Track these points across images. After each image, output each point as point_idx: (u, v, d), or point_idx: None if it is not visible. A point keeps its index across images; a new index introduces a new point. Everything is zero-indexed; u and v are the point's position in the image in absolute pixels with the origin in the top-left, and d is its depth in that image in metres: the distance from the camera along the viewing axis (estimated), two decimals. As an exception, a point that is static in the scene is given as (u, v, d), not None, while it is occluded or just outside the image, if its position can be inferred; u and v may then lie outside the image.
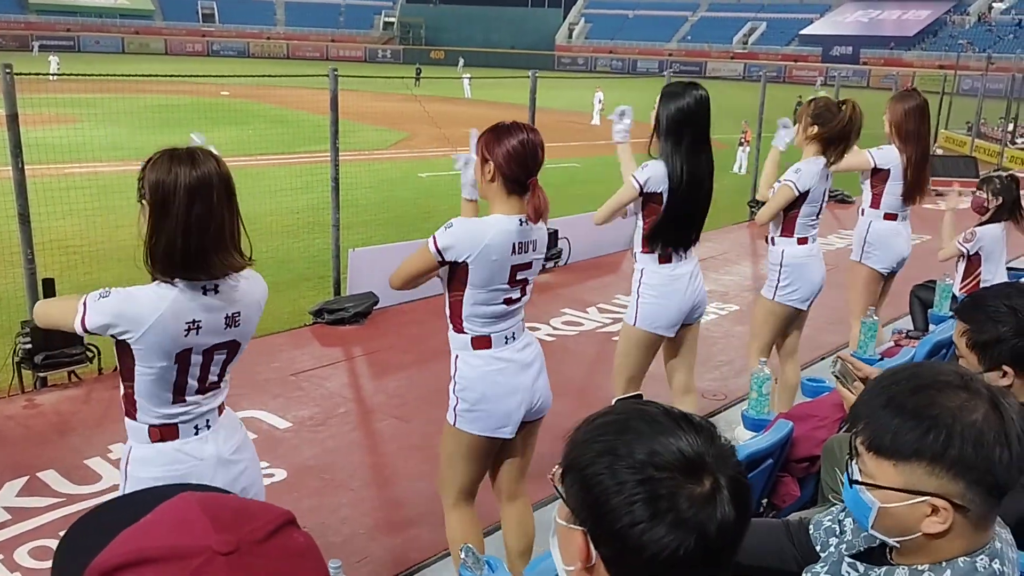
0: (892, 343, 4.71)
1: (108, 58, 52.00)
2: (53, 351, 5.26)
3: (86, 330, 2.12)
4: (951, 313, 4.96)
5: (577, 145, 20.40)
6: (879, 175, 4.90)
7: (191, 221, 2.12)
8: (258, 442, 4.68)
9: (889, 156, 4.84)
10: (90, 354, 5.48)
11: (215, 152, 2.24)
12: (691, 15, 70.61)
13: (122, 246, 9.74)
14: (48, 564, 2.93)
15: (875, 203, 5.01)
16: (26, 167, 5.26)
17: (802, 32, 63.64)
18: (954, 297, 5.23)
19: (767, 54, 61.58)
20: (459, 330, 2.88)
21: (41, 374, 5.30)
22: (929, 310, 5.40)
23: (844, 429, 1.47)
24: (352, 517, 3.98)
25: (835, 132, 4.31)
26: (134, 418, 2.25)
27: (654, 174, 3.67)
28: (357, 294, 6.95)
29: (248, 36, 65.47)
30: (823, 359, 6.31)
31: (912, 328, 5.54)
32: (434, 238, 2.75)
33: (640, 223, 3.82)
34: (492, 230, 2.76)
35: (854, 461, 1.42)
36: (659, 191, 3.68)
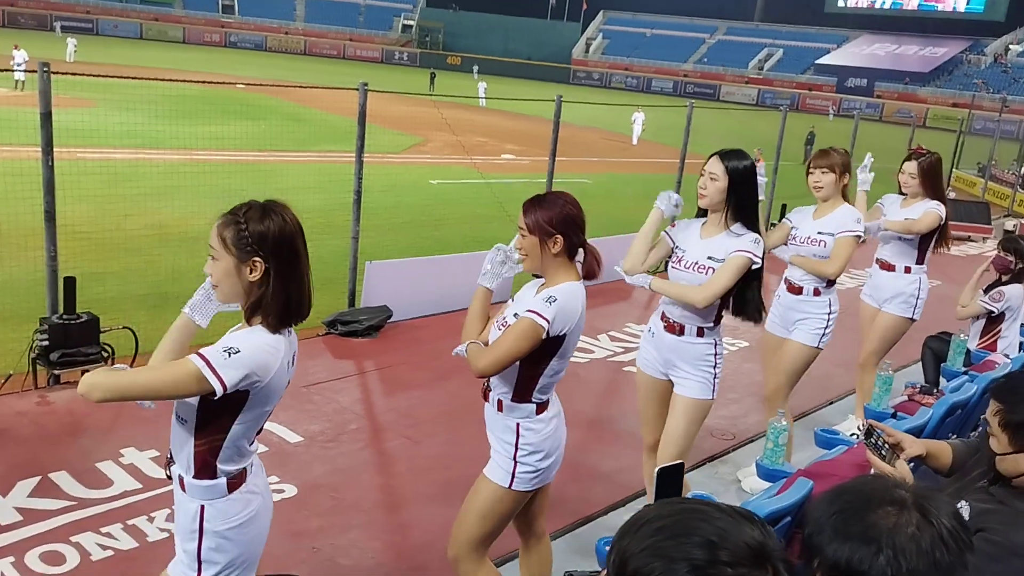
0: (906, 397, 4.73)
1: (126, 43, 52.15)
2: (70, 349, 5.28)
3: (226, 390, 2.10)
4: (964, 369, 4.99)
5: (594, 161, 20.46)
6: (934, 232, 5.15)
7: (304, 270, 2.24)
8: (269, 455, 4.70)
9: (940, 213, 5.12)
10: (105, 354, 5.50)
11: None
12: (709, 37, 70.82)
13: (131, 236, 9.86)
14: (58, 570, 2.93)
15: (920, 259, 5.26)
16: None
17: (818, 61, 63.81)
18: (968, 352, 5.26)
19: (782, 81, 61.75)
20: (525, 400, 2.86)
21: (56, 372, 5.31)
22: (941, 363, 5.42)
23: (802, 559, 1.54)
24: (361, 540, 3.98)
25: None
26: (213, 475, 2.24)
27: (759, 252, 3.57)
28: (371, 307, 6.97)
29: (267, 30, 65.60)
30: (831, 404, 6.32)
31: (923, 381, 5.55)
32: (539, 315, 2.71)
33: (718, 300, 3.62)
34: (580, 295, 2.81)
35: None
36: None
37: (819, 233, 4.48)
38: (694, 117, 10.76)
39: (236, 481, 2.28)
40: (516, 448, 2.87)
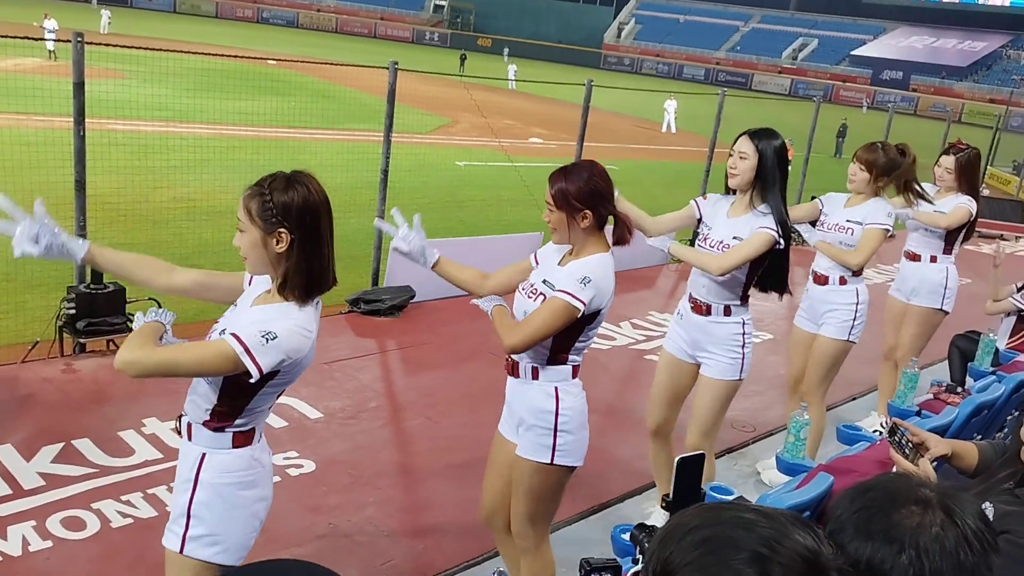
0: (931, 395, 4.67)
1: (159, 16, 52.44)
2: (95, 319, 5.34)
3: (262, 375, 2.13)
4: (991, 369, 4.91)
5: (623, 148, 20.33)
6: (963, 226, 5.11)
7: (328, 241, 2.24)
8: (289, 430, 4.73)
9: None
10: (130, 324, 5.55)
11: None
12: (742, 25, 69.98)
13: (159, 208, 9.93)
14: (79, 536, 2.96)
15: (948, 250, 5.21)
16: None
17: (853, 52, 62.89)
18: (996, 352, 5.17)
19: (815, 72, 60.95)
20: (561, 361, 2.83)
21: (81, 340, 5.37)
22: (968, 363, 5.34)
23: None
24: (377, 518, 4.00)
25: (894, 176, 4.50)
26: (223, 429, 2.26)
27: (777, 231, 3.56)
28: (394, 287, 6.98)
29: (298, 7, 65.63)
30: (853, 399, 6.26)
31: (949, 380, 5.47)
32: (574, 296, 2.69)
33: (743, 276, 3.64)
34: (611, 266, 2.80)
35: None
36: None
37: (848, 221, 4.42)
38: (725, 106, 10.66)
39: (242, 438, 2.29)
40: (557, 415, 2.81)
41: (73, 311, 5.33)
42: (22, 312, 6.08)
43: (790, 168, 3.80)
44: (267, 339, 2.10)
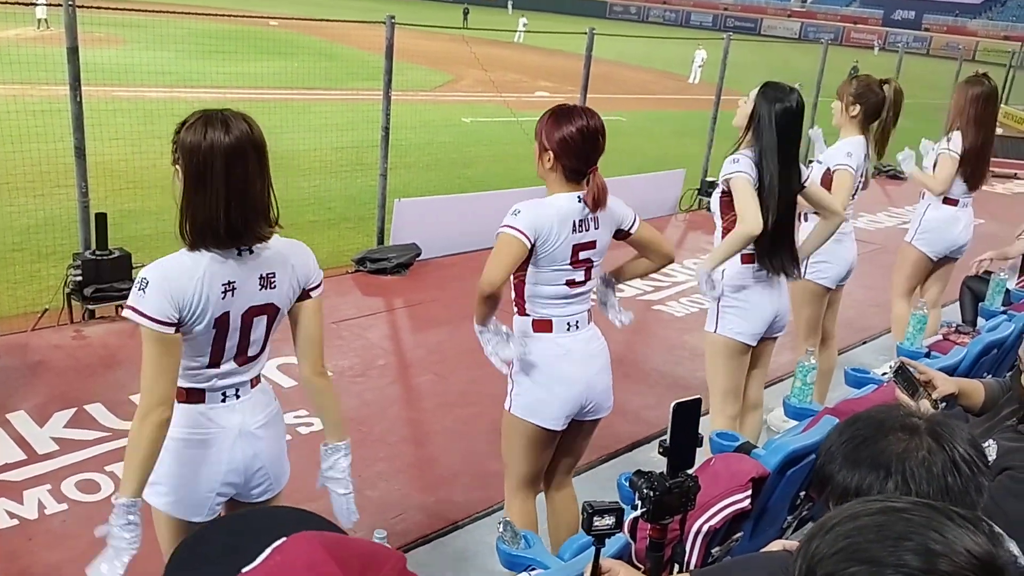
0: (940, 337, 4.64)
1: (158, -20, 51.87)
2: (103, 284, 5.36)
3: (157, 322, 2.06)
4: (1002, 308, 4.87)
5: (626, 98, 20.12)
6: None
7: (230, 191, 2.09)
8: (298, 389, 4.74)
9: (960, 144, 4.88)
10: (138, 289, 5.58)
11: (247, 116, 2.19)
12: (750, -32, 68.62)
13: (166, 174, 9.81)
14: (94, 498, 2.97)
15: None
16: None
17: (864, -7, 61.69)
18: (1007, 291, 5.13)
19: (825, 14, 59.91)
20: (522, 312, 2.85)
21: (90, 306, 5.40)
22: (980, 303, 5.29)
23: (814, 492, 1.51)
24: (388, 473, 4.03)
25: (876, 111, 4.32)
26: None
27: (747, 167, 3.42)
28: (400, 244, 6.97)
29: (298, -35, 64.82)
30: (864, 343, 6.24)
31: (960, 320, 5.44)
32: (511, 226, 2.67)
33: (720, 224, 3.62)
34: (558, 209, 2.73)
35: None
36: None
37: (818, 162, 4.35)
38: (735, 53, 10.48)
39: (185, 394, 2.24)
40: (512, 364, 2.85)
41: (80, 278, 5.35)
42: (35, 281, 6.11)
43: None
44: (139, 290, 2.09)
